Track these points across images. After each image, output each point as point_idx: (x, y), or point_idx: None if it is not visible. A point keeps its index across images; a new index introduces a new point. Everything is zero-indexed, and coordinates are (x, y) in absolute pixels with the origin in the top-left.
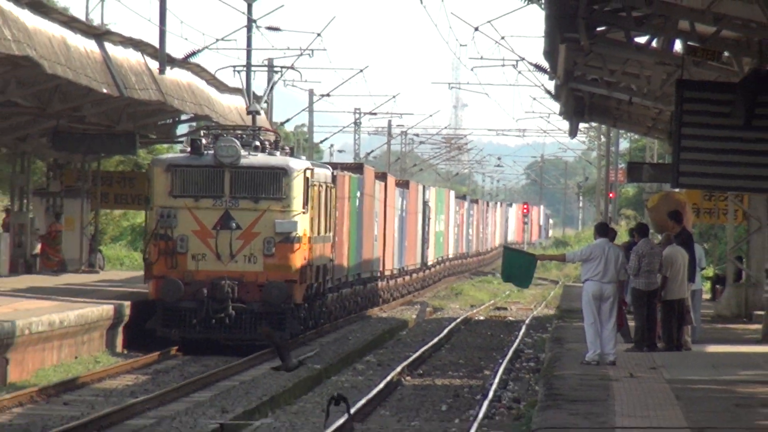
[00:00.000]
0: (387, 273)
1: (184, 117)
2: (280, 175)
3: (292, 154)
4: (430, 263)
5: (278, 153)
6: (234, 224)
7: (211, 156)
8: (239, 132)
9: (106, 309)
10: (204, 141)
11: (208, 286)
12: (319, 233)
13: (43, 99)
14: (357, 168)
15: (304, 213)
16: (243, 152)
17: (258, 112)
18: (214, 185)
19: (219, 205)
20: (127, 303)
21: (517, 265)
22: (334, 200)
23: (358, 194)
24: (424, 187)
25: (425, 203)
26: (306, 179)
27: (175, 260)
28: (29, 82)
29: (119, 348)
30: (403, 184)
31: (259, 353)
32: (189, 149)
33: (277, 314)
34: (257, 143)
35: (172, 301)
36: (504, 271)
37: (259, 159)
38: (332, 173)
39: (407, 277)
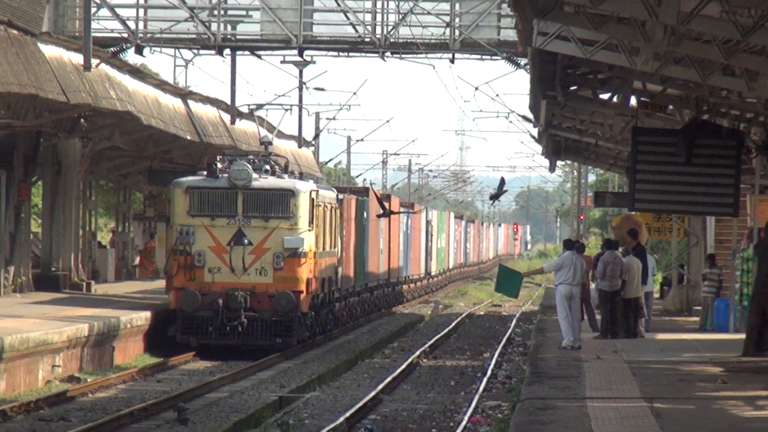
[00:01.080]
0: (393, 281)
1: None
2: (288, 196)
3: (301, 178)
4: (433, 273)
5: (286, 176)
6: (246, 241)
7: (226, 179)
8: (251, 157)
9: None
10: (220, 165)
11: (223, 297)
12: (324, 248)
13: (141, 144)
14: (363, 192)
15: (309, 230)
16: (254, 175)
17: (270, 142)
18: (228, 205)
19: (233, 223)
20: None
21: (509, 280)
22: (339, 219)
23: (365, 214)
24: (426, 208)
25: (428, 222)
26: (311, 200)
27: (193, 273)
28: (130, 131)
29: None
30: (408, 206)
31: (271, 356)
32: (207, 171)
33: (286, 322)
34: (267, 167)
35: (191, 310)
36: (497, 283)
37: (269, 181)
38: (337, 195)
39: (412, 285)
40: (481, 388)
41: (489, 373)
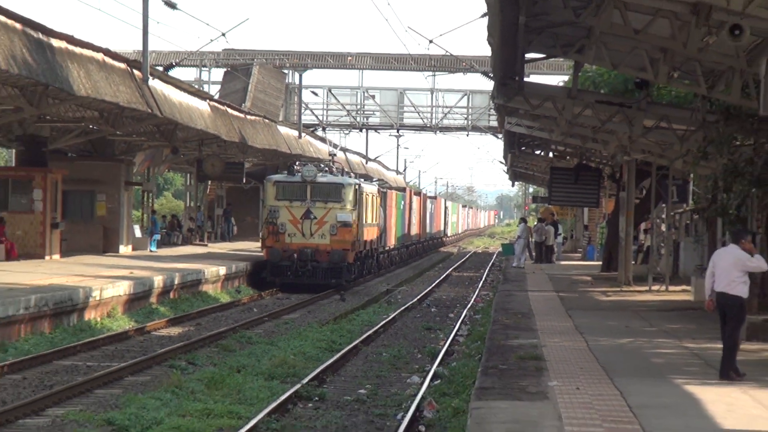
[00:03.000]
0: (422, 241)
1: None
2: (340, 187)
3: (356, 178)
4: (449, 234)
5: (339, 175)
6: (313, 216)
7: (300, 175)
8: (319, 164)
9: None
10: (297, 167)
11: (297, 252)
12: (366, 222)
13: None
14: (402, 189)
15: (354, 210)
16: (319, 174)
17: (335, 154)
18: (301, 193)
19: (304, 204)
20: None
21: (508, 248)
22: (378, 204)
23: (402, 203)
24: (444, 200)
25: (446, 208)
26: (356, 190)
27: (278, 237)
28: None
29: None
30: (432, 198)
31: (329, 291)
32: (287, 172)
33: (337, 269)
34: (326, 169)
35: (276, 261)
36: (503, 251)
37: (328, 178)
38: (379, 189)
39: (433, 241)
40: (480, 286)
41: (483, 279)
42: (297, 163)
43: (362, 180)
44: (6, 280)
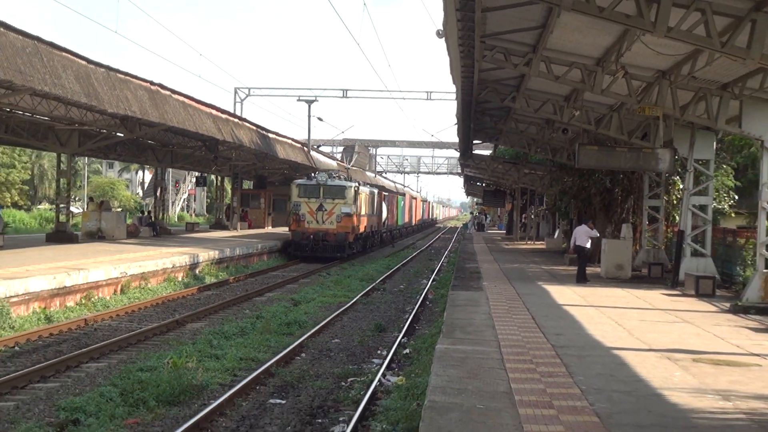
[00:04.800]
0: (415, 225)
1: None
2: (343, 188)
3: (355, 182)
4: (436, 220)
5: (344, 179)
6: (324, 208)
7: (315, 180)
8: (329, 172)
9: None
10: (314, 174)
11: (313, 234)
12: (365, 213)
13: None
14: (402, 193)
15: (354, 204)
16: (329, 179)
17: (348, 168)
18: (316, 192)
19: (318, 200)
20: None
21: (465, 225)
22: (377, 201)
23: (402, 202)
24: (432, 202)
25: (432, 206)
26: (355, 191)
27: (300, 223)
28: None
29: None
30: (425, 201)
31: (336, 261)
32: (307, 178)
33: (341, 246)
34: (335, 176)
35: (299, 240)
36: (463, 227)
37: (335, 181)
38: (378, 191)
39: (428, 222)
40: (453, 241)
41: (454, 239)
42: (316, 172)
43: (364, 184)
44: (248, 237)
